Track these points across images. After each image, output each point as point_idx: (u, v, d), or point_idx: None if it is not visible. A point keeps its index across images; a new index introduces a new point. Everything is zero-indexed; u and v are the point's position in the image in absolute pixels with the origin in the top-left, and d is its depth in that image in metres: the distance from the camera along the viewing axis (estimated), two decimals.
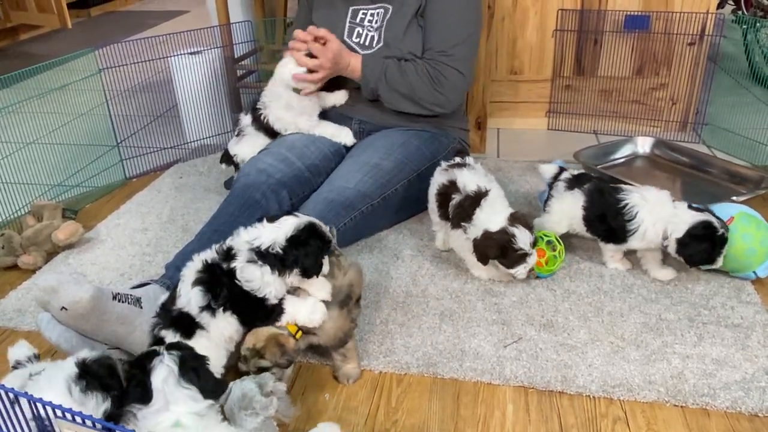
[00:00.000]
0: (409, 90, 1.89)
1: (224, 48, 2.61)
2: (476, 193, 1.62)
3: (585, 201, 1.70)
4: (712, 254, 1.57)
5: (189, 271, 1.26)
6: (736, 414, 1.25)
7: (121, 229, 2.02)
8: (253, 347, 1.22)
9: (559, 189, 1.76)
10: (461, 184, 1.66)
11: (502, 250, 1.55)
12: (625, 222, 1.63)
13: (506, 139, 2.65)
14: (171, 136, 2.57)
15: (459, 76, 1.90)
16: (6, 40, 4.74)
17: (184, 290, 1.25)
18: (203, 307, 1.23)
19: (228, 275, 1.23)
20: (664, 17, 2.48)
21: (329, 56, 1.82)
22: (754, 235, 1.61)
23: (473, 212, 1.59)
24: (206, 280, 1.24)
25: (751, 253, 1.61)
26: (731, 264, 1.63)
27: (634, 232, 1.62)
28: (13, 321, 1.59)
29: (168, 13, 5.88)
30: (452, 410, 1.28)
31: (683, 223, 1.57)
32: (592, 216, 1.69)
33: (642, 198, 1.63)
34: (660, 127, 2.64)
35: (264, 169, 1.78)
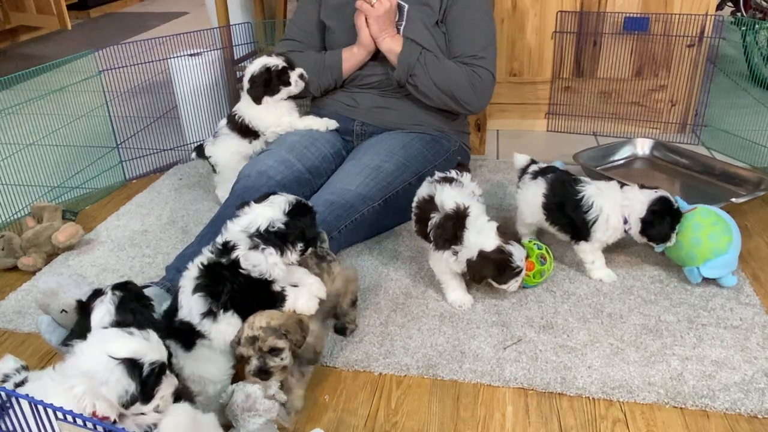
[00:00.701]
0: (448, 81, 1.90)
1: (224, 50, 2.61)
2: (456, 212, 1.53)
3: (545, 189, 1.71)
4: (670, 230, 1.60)
5: (186, 281, 1.27)
6: (736, 415, 1.25)
7: (120, 230, 2.02)
8: (267, 326, 1.18)
9: (525, 179, 1.79)
10: (439, 201, 1.56)
11: (499, 270, 1.53)
12: (584, 214, 1.65)
13: (506, 141, 2.65)
14: (171, 138, 2.58)
15: (491, 77, 1.94)
16: (6, 42, 4.74)
17: (185, 301, 1.25)
18: (205, 313, 1.23)
19: (229, 269, 1.23)
20: (664, 19, 2.48)
21: (386, 5, 1.84)
22: (705, 227, 1.59)
23: (461, 233, 1.51)
24: (205, 284, 1.24)
25: (696, 243, 1.59)
26: (675, 251, 1.63)
27: (595, 221, 1.64)
28: (13, 323, 1.59)
29: (168, 14, 5.88)
30: (452, 412, 1.28)
31: (640, 203, 1.60)
32: (551, 204, 1.70)
33: (597, 188, 1.66)
34: (659, 129, 2.64)
35: (264, 171, 1.78)
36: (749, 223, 1.94)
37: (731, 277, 1.62)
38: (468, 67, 1.91)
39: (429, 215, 1.56)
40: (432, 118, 2.02)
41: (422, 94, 1.93)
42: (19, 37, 4.88)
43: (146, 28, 5.31)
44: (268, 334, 1.18)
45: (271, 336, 1.18)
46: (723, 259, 1.58)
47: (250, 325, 1.19)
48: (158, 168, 2.47)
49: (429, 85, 1.90)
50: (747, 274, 1.69)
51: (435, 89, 1.91)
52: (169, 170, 2.45)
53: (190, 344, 1.23)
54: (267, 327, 1.18)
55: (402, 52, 1.88)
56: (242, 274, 1.23)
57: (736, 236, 1.61)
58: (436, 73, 1.89)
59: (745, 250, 1.80)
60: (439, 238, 1.54)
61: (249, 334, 1.19)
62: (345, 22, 1.96)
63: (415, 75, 1.89)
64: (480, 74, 1.92)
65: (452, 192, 1.57)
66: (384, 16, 1.85)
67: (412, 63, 1.88)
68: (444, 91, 1.91)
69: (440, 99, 1.93)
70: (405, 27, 1.93)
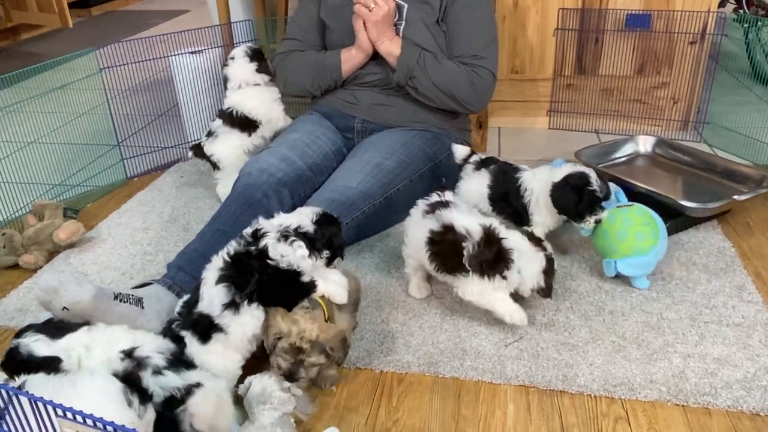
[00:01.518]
0: (447, 81, 1.90)
1: (225, 47, 2.61)
2: (488, 234, 1.43)
3: (490, 180, 1.77)
4: (578, 206, 1.61)
5: (210, 272, 1.26)
6: (738, 413, 1.25)
7: (122, 228, 2.02)
8: (317, 340, 1.13)
9: (468, 170, 1.84)
10: (462, 228, 1.44)
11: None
12: (521, 199, 1.70)
13: (507, 139, 2.65)
14: (172, 136, 2.57)
15: (491, 76, 1.94)
16: (7, 40, 4.74)
17: (207, 293, 1.24)
18: (227, 304, 1.22)
19: (258, 258, 1.22)
20: (666, 16, 2.47)
21: (384, 8, 1.84)
22: (634, 225, 1.60)
23: (506, 253, 1.42)
24: (230, 274, 1.23)
25: (621, 237, 1.59)
26: (600, 240, 1.64)
27: (529, 202, 1.69)
28: (15, 320, 1.59)
29: (169, 12, 5.87)
30: (453, 409, 1.28)
31: (562, 173, 1.65)
32: (495, 195, 1.77)
33: (531, 173, 1.73)
34: (661, 126, 2.63)
35: (265, 169, 1.78)
36: (752, 220, 1.94)
37: (644, 279, 1.63)
38: (468, 66, 1.91)
39: (457, 247, 1.42)
40: (433, 116, 2.02)
41: (422, 95, 1.93)
42: (21, 35, 4.88)
43: (147, 26, 5.31)
44: (315, 349, 1.15)
45: (316, 353, 1.16)
46: (641, 260, 1.59)
47: (299, 333, 1.14)
48: (159, 166, 2.47)
49: (429, 87, 1.90)
50: (749, 271, 1.69)
51: (435, 90, 1.91)
52: (171, 168, 2.45)
53: (207, 337, 1.23)
54: (316, 342, 1.15)
55: (401, 55, 1.87)
56: (270, 264, 1.22)
57: (662, 243, 1.61)
58: (435, 74, 1.89)
59: (748, 248, 1.80)
60: (484, 265, 1.42)
61: (296, 342, 1.15)
62: (344, 23, 1.96)
63: (414, 77, 1.89)
64: (480, 74, 1.91)
65: (466, 216, 1.49)
66: (382, 21, 1.85)
67: (412, 66, 1.87)
68: (444, 91, 1.91)
69: (440, 99, 1.93)
70: (404, 27, 1.93)
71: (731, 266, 1.71)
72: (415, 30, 1.92)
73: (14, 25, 4.66)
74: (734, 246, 1.81)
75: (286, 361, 1.16)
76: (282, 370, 1.16)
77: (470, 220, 1.47)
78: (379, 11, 1.83)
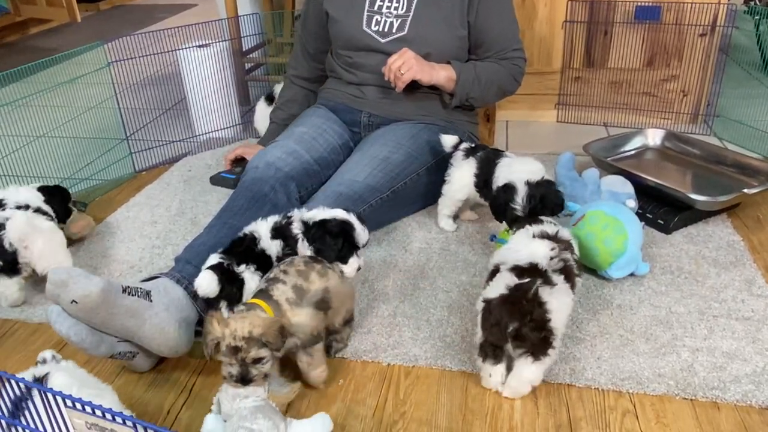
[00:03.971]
0: (496, 86, 1.99)
1: (232, 41, 2.61)
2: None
3: (476, 167, 1.80)
4: (504, 215, 1.63)
5: (263, 229, 1.46)
6: (747, 407, 1.24)
7: (130, 221, 2.03)
8: (250, 336, 1.13)
9: (458, 158, 1.85)
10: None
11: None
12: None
13: (515, 132, 2.64)
14: (180, 130, 2.58)
15: (524, 62, 2.03)
16: (16, 34, 4.77)
17: (265, 243, 1.43)
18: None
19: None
20: (675, 8, 2.45)
21: (407, 55, 1.83)
22: (597, 235, 1.59)
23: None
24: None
25: (595, 252, 1.59)
26: (584, 260, 1.62)
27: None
28: (24, 313, 1.60)
29: (176, 6, 5.88)
30: (460, 402, 1.28)
31: (520, 172, 1.65)
32: (480, 182, 1.79)
33: (509, 161, 1.75)
34: (671, 119, 2.62)
35: (272, 163, 1.78)
36: (762, 214, 1.93)
37: (643, 265, 1.63)
38: (507, 61, 1.98)
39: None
40: (440, 109, 2.01)
41: (480, 103, 2.05)
42: (29, 29, 4.90)
43: (155, 20, 5.32)
44: (251, 345, 1.14)
45: (254, 347, 1.14)
46: (625, 257, 1.58)
47: (231, 333, 1.14)
48: (167, 160, 2.47)
49: (482, 98, 2.01)
50: (759, 265, 1.68)
51: (487, 97, 2.04)
52: (179, 162, 2.46)
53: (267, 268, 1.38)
54: (250, 338, 1.14)
55: (459, 83, 1.92)
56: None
57: (631, 229, 1.60)
58: (487, 86, 1.96)
59: (758, 242, 1.79)
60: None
61: (231, 343, 1.14)
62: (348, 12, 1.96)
63: (472, 97, 1.98)
64: (519, 65, 2.01)
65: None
66: (419, 68, 1.84)
67: (469, 90, 1.95)
68: (495, 94, 2.05)
69: (491, 101, 2.11)
70: (412, 17, 1.91)
71: (741, 260, 1.70)
72: (424, 23, 1.90)
73: (23, 19, 4.69)
74: (744, 239, 1.79)
75: (232, 365, 1.16)
76: (234, 377, 1.16)
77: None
78: (409, 72, 1.83)
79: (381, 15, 1.93)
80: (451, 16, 1.90)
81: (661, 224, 1.84)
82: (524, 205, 1.58)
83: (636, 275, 1.64)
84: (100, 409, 0.78)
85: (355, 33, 1.95)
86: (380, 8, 1.93)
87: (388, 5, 1.93)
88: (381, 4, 1.93)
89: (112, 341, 1.29)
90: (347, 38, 1.98)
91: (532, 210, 1.58)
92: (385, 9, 1.93)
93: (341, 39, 2.00)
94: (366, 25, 1.94)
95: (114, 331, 1.29)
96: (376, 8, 1.94)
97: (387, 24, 1.93)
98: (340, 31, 2.00)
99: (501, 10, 1.95)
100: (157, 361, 1.41)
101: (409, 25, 1.91)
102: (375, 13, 1.94)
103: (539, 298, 1.21)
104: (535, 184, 1.59)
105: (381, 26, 1.93)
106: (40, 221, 1.65)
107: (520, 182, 1.60)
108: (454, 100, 1.95)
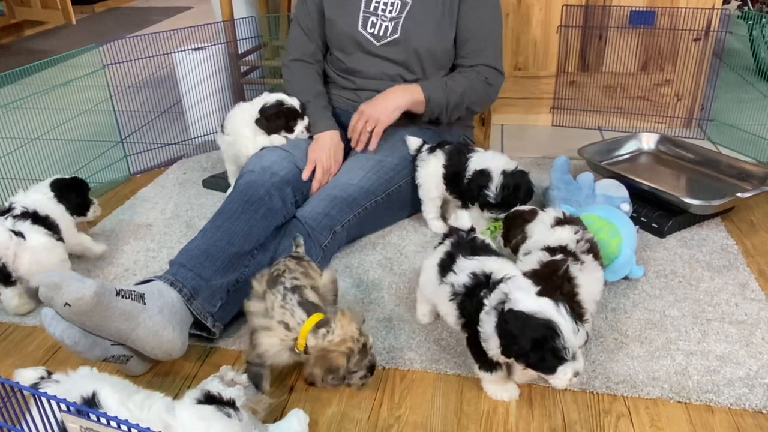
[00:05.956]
0: (469, 101, 1.95)
1: (228, 44, 2.61)
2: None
3: (445, 160, 1.83)
4: (477, 200, 1.72)
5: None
6: (740, 411, 1.25)
7: (125, 224, 2.02)
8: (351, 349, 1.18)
9: (423, 156, 1.87)
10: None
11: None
12: (465, 179, 1.77)
13: (510, 135, 2.64)
14: (175, 132, 2.58)
15: (500, 77, 1.99)
16: (10, 37, 4.75)
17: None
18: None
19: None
20: (670, 13, 2.47)
21: (366, 112, 1.84)
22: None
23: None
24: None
25: None
26: None
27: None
28: (18, 316, 1.60)
29: (172, 9, 5.88)
30: (455, 406, 1.28)
31: (494, 165, 1.72)
32: (448, 174, 1.82)
33: (481, 155, 1.79)
34: (665, 124, 2.63)
35: (268, 167, 1.78)
36: (755, 218, 1.94)
37: (637, 268, 1.64)
38: (480, 74, 1.93)
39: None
40: None
41: (452, 118, 2.00)
42: (24, 31, 4.89)
43: (150, 22, 5.31)
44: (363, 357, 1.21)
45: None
46: (619, 261, 1.59)
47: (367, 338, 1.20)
48: (162, 162, 2.47)
49: (455, 113, 1.97)
50: (753, 269, 1.68)
51: (460, 112, 1.98)
52: (174, 164, 2.46)
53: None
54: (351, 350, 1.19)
55: (429, 108, 1.89)
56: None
57: (625, 232, 1.61)
58: (460, 104, 1.93)
59: (751, 245, 1.79)
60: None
61: (359, 342, 1.20)
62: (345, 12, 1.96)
63: (441, 118, 1.96)
64: (490, 78, 1.95)
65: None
66: (384, 117, 1.84)
67: (439, 112, 1.93)
68: (468, 109, 1.99)
69: (465, 113, 2.02)
70: (404, 19, 1.91)
71: (734, 264, 1.71)
72: (417, 25, 1.91)
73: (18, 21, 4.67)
74: (738, 243, 1.80)
75: (346, 366, 1.18)
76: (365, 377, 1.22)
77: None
78: (378, 125, 1.84)
79: (377, 17, 1.93)
80: (441, 19, 1.91)
81: (655, 228, 1.85)
82: (497, 193, 1.69)
83: (630, 279, 1.64)
84: (95, 413, 0.78)
85: (350, 33, 1.95)
86: (376, 9, 1.93)
87: (383, 7, 1.93)
88: (377, 5, 1.94)
89: (105, 344, 1.29)
90: (342, 38, 1.98)
91: (504, 198, 1.69)
92: (380, 11, 1.93)
93: (336, 39, 2.00)
94: (362, 26, 1.94)
95: (108, 335, 1.28)
96: (371, 9, 1.94)
97: (382, 28, 1.93)
98: (335, 31, 2.00)
99: (480, 16, 1.93)
100: (152, 364, 1.41)
101: (401, 27, 1.91)
102: (371, 14, 1.94)
103: (569, 273, 1.30)
104: (510, 173, 1.71)
105: (376, 29, 1.93)
106: (34, 234, 1.58)
107: (497, 170, 1.70)
108: (424, 117, 1.94)
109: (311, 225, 1.68)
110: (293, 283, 1.28)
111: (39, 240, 1.58)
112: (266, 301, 1.26)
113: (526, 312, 1.11)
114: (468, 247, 1.33)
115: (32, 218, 1.60)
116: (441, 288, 1.31)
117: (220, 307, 1.45)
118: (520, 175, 1.73)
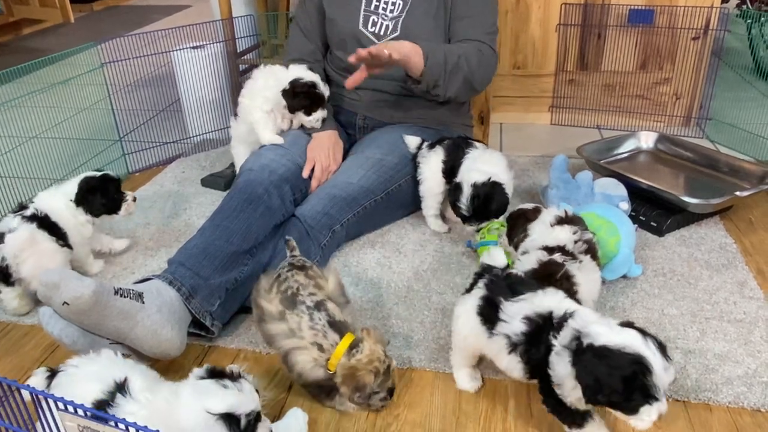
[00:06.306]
0: (468, 68, 1.82)
1: (226, 42, 2.60)
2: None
3: (444, 155, 1.83)
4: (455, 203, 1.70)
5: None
6: (739, 409, 1.25)
7: (123, 223, 2.02)
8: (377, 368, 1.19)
9: (424, 153, 1.87)
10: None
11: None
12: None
13: (509, 134, 2.64)
14: (173, 131, 2.57)
15: (494, 55, 1.93)
16: (9, 35, 4.75)
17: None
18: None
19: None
20: (668, 11, 2.47)
21: (390, 43, 1.72)
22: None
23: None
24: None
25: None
26: None
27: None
28: (16, 315, 1.60)
29: (170, 7, 5.87)
30: (454, 405, 1.28)
31: (479, 173, 1.69)
32: (447, 168, 1.81)
33: (475, 153, 1.77)
34: (663, 122, 2.63)
35: (267, 165, 1.78)
36: (754, 216, 1.94)
37: (636, 267, 1.64)
38: (477, 48, 1.86)
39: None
40: (434, 112, 2.01)
41: (451, 91, 1.86)
42: (22, 30, 4.88)
43: (149, 21, 5.31)
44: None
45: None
46: (617, 260, 1.59)
47: (358, 367, 1.19)
48: (161, 161, 2.47)
49: (455, 81, 1.84)
50: (751, 267, 1.69)
51: (460, 83, 1.85)
52: (172, 163, 2.45)
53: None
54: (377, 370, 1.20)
55: (426, 69, 1.76)
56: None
57: (624, 231, 1.61)
58: (455, 69, 1.81)
59: (750, 244, 1.79)
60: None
61: (384, 363, 1.21)
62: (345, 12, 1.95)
63: (438, 86, 1.82)
64: (485, 52, 1.87)
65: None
66: (410, 48, 1.72)
67: (437, 76, 1.80)
68: (469, 82, 1.86)
69: (464, 88, 1.88)
70: (404, 18, 1.91)
71: (733, 262, 1.71)
72: (418, 24, 1.90)
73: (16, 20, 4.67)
74: (736, 242, 1.80)
75: (370, 383, 1.20)
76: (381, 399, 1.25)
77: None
78: (398, 52, 1.70)
79: (377, 16, 1.93)
80: (437, 14, 1.91)
81: (654, 226, 1.85)
82: (468, 206, 1.68)
83: (629, 277, 1.64)
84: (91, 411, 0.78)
85: (351, 32, 1.95)
86: (377, 8, 1.93)
87: (384, 6, 1.93)
88: (377, 4, 1.93)
89: (104, 343, 1.29)
90: (343, 37, 1.98)
91: (476, 210, 1.68)
92: (381, 10, 1.93)
93: (337, 38, 2.00)
94: (363, 25, 1.94)
95: (106, 333, 1.28)
96: (372, 8, 1.94)
97: (383, 27, 1.93)
98: (336, 30, 2.00)
99: (477, 4, 1.90)
100: (150, 363, 1.40)
101: (402, 26, 1.91)
102: (372, 13, 1.94)
103: (568, 272, 1.30)
104: (481, 184, 1.67)
105: (377, 28, 1.93)
106: (41, 240, 1.57)
107: (467, 183, 1.68)
108: (423, 83, 1.81)
109: (310, 224, 1.68)
110: (313, 300, 1.26)
111: (45, 246, 1.58)
112: (288, 322, 1.23)
113: (610, 347, 1.00)
114: (507, 288, 1.17)
115: (39, 222, 1.57)
116: (494, 341, 1.15)
117: (219, 306, 1.45)
118: (491, 186, 1.67)
